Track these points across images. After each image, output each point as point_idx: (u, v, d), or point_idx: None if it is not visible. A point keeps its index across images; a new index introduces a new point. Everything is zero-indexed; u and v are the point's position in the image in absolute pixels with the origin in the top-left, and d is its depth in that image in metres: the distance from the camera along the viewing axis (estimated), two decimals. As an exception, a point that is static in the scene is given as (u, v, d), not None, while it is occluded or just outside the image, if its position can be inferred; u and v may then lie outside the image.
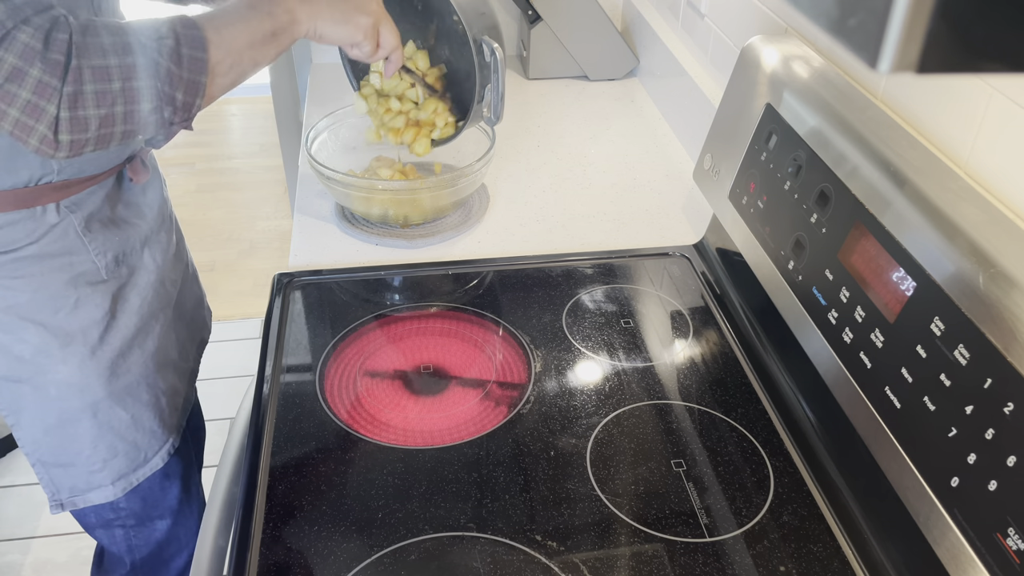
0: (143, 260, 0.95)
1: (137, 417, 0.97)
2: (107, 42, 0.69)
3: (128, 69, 0.70)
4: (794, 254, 0.82)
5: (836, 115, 0.79)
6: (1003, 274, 0.57)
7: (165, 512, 1.07)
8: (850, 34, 0.26)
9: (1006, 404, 0.55)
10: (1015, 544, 0.54)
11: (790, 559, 0.69)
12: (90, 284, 0.89)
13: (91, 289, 0.89)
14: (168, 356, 1.01)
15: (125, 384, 0.95)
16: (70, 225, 0.85)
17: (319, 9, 0.84)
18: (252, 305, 2.47)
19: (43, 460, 0.96)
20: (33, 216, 0.83)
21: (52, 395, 0.91)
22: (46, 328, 0.87)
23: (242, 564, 0.68)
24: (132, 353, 0.95)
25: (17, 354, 0.88)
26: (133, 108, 0.71)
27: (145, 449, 1.00)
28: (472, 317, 0.96)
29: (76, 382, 0.91)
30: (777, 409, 0.83)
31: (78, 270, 0.87)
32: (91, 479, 0.97)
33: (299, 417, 0.82)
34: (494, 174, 1.26)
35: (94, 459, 0.96)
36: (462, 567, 0.68)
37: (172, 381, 1.03)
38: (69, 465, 0.96)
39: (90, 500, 0.99)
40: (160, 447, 1.02)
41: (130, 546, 1.08)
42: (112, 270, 0.91)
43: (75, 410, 0.92)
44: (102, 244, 0.89)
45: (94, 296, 0.89)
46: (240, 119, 3.60)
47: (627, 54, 1.55)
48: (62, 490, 0.98)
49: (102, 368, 0.92)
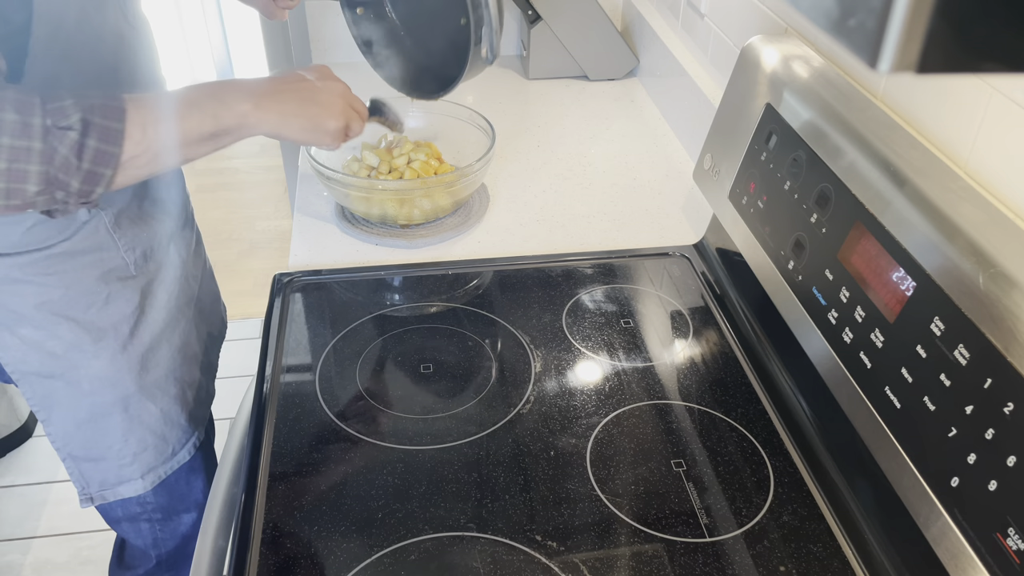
0: (169, 255, 0.96)
1: (166, 411, 0.99)
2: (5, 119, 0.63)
3: (16, 151, 0.63)
4: (794, 254, 0.82)
5: (836, 115, 0.79)
6: (1003, 274, 0.57)
7: (191, 505, 1.08)
8: (850, 34, 0.26)
9: (1006, 404, 0.55)
10: (1015, 544, 0.54)
11: (790, 559, 0.69)
12: (120, 280, 0.90)
13: (121, 284, 0.90)
14: (193, 350, 1.03)
15: (154, 378, 0.96)
16: (100, 222, 0.86)
17: (280, 116, 0.78)
18: (252, 305, 2.47)
19: (73, 454, 0.97)
20: None
21: (85, 390, 0.92)
22: (79, 324, 0.88)
23: (242, 564, 0.68)
24: (161, 347, 0.96)
25: (50, 350, 0.89)
26: (16, 187, 0.65)
27: (173, 443, 1.01)
28: (472, 317, 0.96)
29: (108, 376, 0.92)
30: (777, 409, 0.83)
31: (108, 266, 0.88)
32: (121, 473, 0.98)
33: (299, 417, 0.82)
34: (494, 174, 1.26)
35: (124, 453, 0.97)
36: (462, 567, 0.68)
37: (196, 375, 1.04)
38: (99, 459, 0.97)
39: (120, 494, 1.00)
40: (187, 440, 1.03)
41: (156, 540, 1.09)
42: (141, 266, 0.92)
43: (107, 404, 0.94)
44: (131, 240, 0.90)
45: (124, 291, 0.90)
46: (240, 119, 3.59)
47: (627, 54, 1.55)
48: (92, 484, 0.99)
49: (133, 362, 0.93)
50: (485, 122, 1.15)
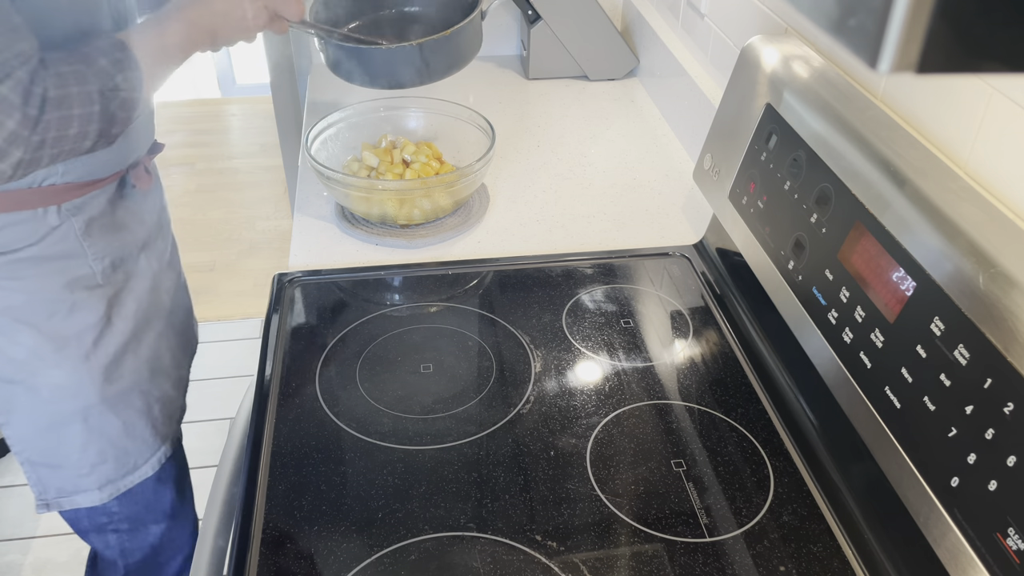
0: (139, 266, 0.95)
1: (129, 424, 0.97)
2: (74, 92, 0.73)
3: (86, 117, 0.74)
4: (794, 254, 0.82)
5: (836, 115, 0.79)
6: (1003, 274, 0.57)
7: (159, 517, 1.07)
8: (850, 34, 0.26)
9: (1006, 404, 0.55)
10: (1015, 544, 0.54)
11: (790, 559, 0.69)
12: (87, 289, 0.89)
13: (87, 294, 0.89)
14: (162, 363, 1.01)
15: (118, 390, 0.95)
16: (71, 228, 0.85)
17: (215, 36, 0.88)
18: (252, 305, 2.47)
19: (32, 460, 0.96)
20: (35, 218, 0.83)
21: (45, 397, 0.91)
22: (40, 332, 0.87)
23: (242, 564, 0.68)
24: (126, 359, 0.95)
25: (11, 355, 0.88)
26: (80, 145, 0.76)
27: (135, 456, 0.99)
28: (472, 317, 0.96)
29: (69, 386, 0.91)
30: (777, 409, 0.83)
31: (75, 274, 0.87)
32: (78, 482, 0.97)
33: (299, 417, 0.82)
34: (494, 174, 1.26)
35: (82, 463, 0.96)
36: (462, 567, 0.68)
37: (165, 388, 1.02)
38: (57, 467, 0.96)
39: (76, 503, 0.98)
40: (151, 455, 1.01)
41: (123, 551, 1.07)
42: (108, 275, 0.90)
43: (67, 414, 0.92)
44: (101, 249, 0.89)
45: (90, 301, 0.89)
46: (240, 119, 3.60)
47: (627, 54, 1.55)
48: (49, 490, 0.98)
49: (96, 373, 0.92)
50: (485, 122, 1.15)
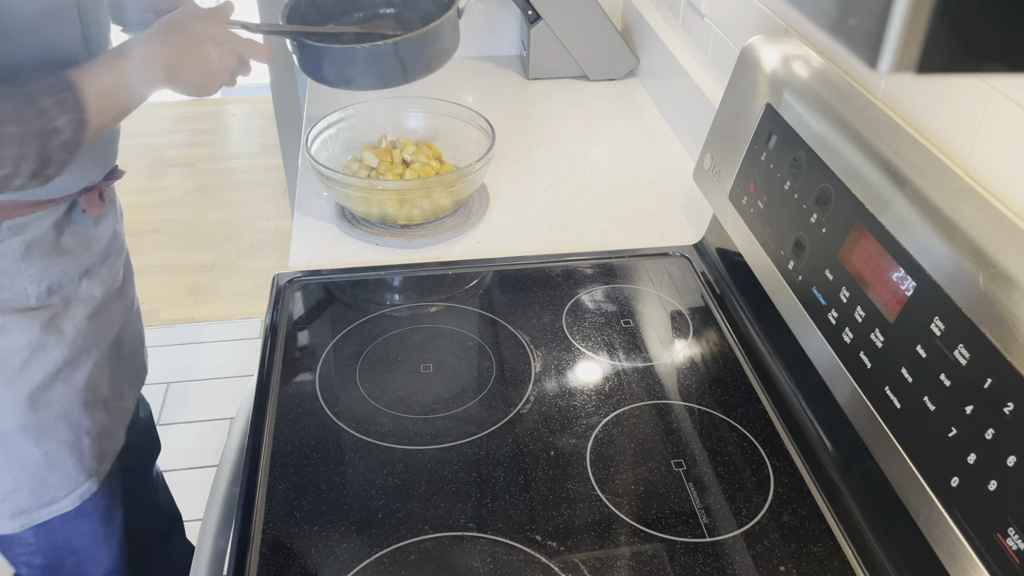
0: (79, 291, 0.91)
1: (51, 455, 0.91)
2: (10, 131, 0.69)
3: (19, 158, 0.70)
4: (794, 254, 0.82)
5: (836, 115, 0.79)
6: (1003, 274, 0.57)
7: (79, 550, 1.01)
8: (850, 34, 0.26)
9: (1006, 404, 0.55)
10: (1015, 544, 0.54)
11: (790, 559, 0.69)
12: (17, 311, 0.84)
13: (18, 316, 0.84)
14: (98, 394, 0.95)
15: (43, 419, 0.89)
16: (9, 248, 0.82)
17: (187, 86, 0.84)
18: (252, 305, 2.47)
19: None
20: None
21: None
22: None
23: (242, 564, 0.68)
24: (55, 386, 0.89)
25: None
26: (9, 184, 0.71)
27: (55, 489, 0.93)
28: (472, 317, 0.96)
29: None
30: (777, 409, 0.83)
31: (6, 295, 0.83)
32: None
33: (299, 417, 0.82)
34: (494, 174, 1.26)
35: None
36: (462, 567, 0.68)
37: (101, 421, 0.96)
38: None
39: None
40: (73, 489, 0.95)
41: None
42: (43, 299, 0.86)
43: None
44: (39, 272, 0.85)
45: (20, 323, 0.85)
46: (240, 119, 3.60)
47: (627, 54, 1.55)
48: None
49: (19, 399, 0.87)
50: (485, 122, 1.15)
